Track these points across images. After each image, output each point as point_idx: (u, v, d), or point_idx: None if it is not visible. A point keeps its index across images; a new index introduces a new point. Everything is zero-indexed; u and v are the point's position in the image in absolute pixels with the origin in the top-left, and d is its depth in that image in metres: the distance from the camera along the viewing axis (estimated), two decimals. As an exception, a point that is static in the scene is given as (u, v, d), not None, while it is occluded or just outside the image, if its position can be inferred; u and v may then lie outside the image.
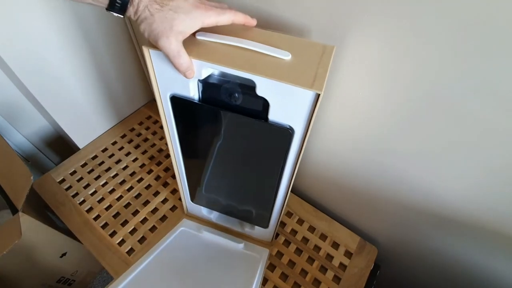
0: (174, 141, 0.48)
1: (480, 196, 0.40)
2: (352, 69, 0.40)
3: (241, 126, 0.41)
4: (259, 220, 0.56)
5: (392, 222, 0.56)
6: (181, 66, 0.33)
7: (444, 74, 0.32)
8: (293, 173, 0.43)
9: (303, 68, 0.32)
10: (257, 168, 0.46)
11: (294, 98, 0.33)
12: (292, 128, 0.36)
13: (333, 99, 0.46)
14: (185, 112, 0.42)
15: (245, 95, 0.37)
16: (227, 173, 0.51)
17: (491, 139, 0.34)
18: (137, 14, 0.31)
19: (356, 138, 0.48)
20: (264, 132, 0.39)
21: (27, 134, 0.78)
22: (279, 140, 0.39)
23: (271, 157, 0.42)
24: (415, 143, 0.41)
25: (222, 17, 0.33)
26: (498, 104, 0.31)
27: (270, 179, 0.46)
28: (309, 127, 0.35)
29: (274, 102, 0.35)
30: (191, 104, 0.40)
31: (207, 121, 0.42)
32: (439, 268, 0.56)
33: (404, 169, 0.45)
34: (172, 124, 0.45)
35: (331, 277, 0.56)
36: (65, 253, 0.72)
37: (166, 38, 0.31)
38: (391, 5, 0.31)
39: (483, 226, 0.42)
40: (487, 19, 0.27)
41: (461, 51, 0.30)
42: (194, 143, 0.48)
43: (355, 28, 0.36)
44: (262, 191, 0.50)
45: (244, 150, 0.45)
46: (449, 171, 0.41)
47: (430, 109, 0.36)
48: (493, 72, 0.29)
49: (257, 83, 0.33)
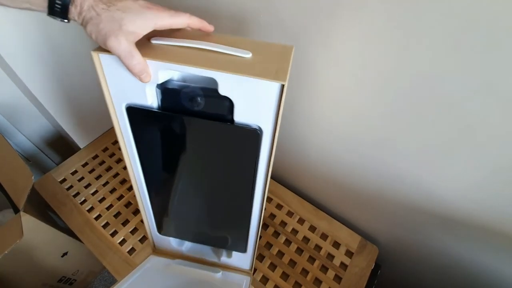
0: (134, 162, 0.42)
1: (481, 195, 0.40)
2: (344, 68, 0.40)
3: (206, 133, 0.37)
4: (236, 242, 0.51)
5: (393, 221, 0.56)
6: (134, 68, 0.30)
7: (445, 72, 0.32)
8: (266, 180, 0.40)
9: (265, 64, 0.31)
10: (228, 179, 0.42)
11: (259, 94, 0.31)
12: (260, 128, 0.34)
13: (327, 98, 0.46)
14: (144, 123, 0.38)
15: (207, 98, 0.34)
16: (196, 190, 0.46)
17: (492, 138, 0.34)
18: (81, 15, 0.28)
19: (357, 137, 0.48)
20: (231, 137, 0.36)
21: (28, 134, 0.78)
22: (247, 143, 0.36)
23: (242, 164, 0.39)
24: (415, 143, 0.41)
25: (176, 19, 0.31)
26: (499, 104, 0.31)
27: (243, 189, 0.42)
28: (277, 126, 0.33)
29: (238, 101, 0.32)
30: (150, 113, 0.36)
31: (169, 132, 0.38)
32: (440, 267, 0.56)
33: (405, 169, 0.45)
34: (130, 141, 0.40)
35: (332, 277, 0.56)
36: (66, 253, 0.72)
37: (115, 38, 0.28)
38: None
39: (484, 225, 0.42)
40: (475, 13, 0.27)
41: (462, 49, 0.30)
42: (157, 161, 0.42)
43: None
44: (235, 205, 0.45)
45: (212, 160, 0.41)
46: (450, 171, 0.41)
47: (431, 108, 0.36)
48: (494, 71, 0.29)
49: (219, 81, 0.31)
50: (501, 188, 0.37)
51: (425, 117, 0.37)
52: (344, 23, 0.36)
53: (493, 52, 0.28)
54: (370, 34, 0.35)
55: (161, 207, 0.49)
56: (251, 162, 0.38)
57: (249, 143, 0.36)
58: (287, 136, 0.60)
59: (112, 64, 0.32)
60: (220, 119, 0.35)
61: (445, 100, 0.34)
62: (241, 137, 0.36)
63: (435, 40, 0.31)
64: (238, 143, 0.37)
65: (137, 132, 0.39)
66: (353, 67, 0.40)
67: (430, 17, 0.30)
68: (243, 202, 0.43)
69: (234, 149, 0.38)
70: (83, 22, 0.29)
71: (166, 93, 0.36)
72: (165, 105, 0.36)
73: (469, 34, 0.29)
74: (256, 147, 0.36)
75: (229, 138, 0.37)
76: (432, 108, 0.36)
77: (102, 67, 0.33)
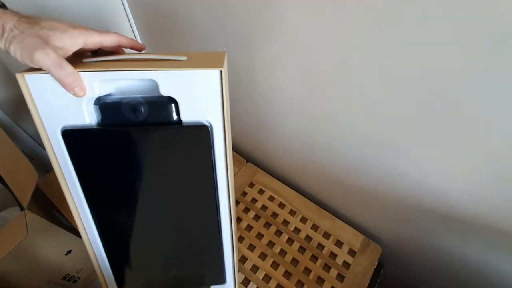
0: (76, 196, 0.37)
1: (486, 194, 0.39)
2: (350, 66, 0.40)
3: (156, 143, 0.34)
4: (211, 272, 0.45)
5: (396, 220, 0.56)
6: (65, 79, 0.28)
7: (449, 69, 0.32)
8: (228, 182, 0.36)
9: (201, 62, 0.31)
10: (187, 190, 0.38)
11: (201, 87, 0.30)
12: (210, 123, 0.33)
13: (341, 100, 0.45)
14: (85, 147, 0.34)
15: (150, 104, 0.32)
16: (155, 216, 0.40)
17: (497, 137, 0.34)
18: (3, 35, 0.27)
19: (359, 136, 0.48)
20: (182, 139, 0.34)
21: (32, 133, 0.78)
22: (200, 142, 0.34)
23: (198, 168, 0.36)
24: (419, 142, 0.41)
25: (105, 37, 0.30)
26: (504, 102, 0.31)
27: (206, 198, 0.38)
28: (225, 118, 0.32)
29: (182, 98, 0.31)
30: (90, 133, 0.32)
31: (115, 151, 0.34)
32: (443, 266, 0.56)
33: (408, 167, 0.45)
34: (69, 171, 0.35)
35: (334, 275, 0.56)
36: (70, 251, 0.73)
37: (41, 50, 0.26)
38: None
39: (488, 224, 0.42)
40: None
41: (466, 45, 0.30)
42: (105, 189, 0.37)
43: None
44: (201, 222, 0.40)
45: (167, 173, 0.36)
46: (454, 169, 0.40)
47: (434, 107, 0.36)
48: (497, 69, 0.29)
49: (159, 81, 0.30)
50: (506, 187, 0.37)
51: (429, 116, 0.37)
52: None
53: (497, 49, 0.28)
54: (374, 29, 0.35)
55: (118, 248, 0.41)
56: (207, 163, 0.35)
57: (201, 141, 0.34)
58: (289, 136, 0.60)
59: (41, 85, 0.29)
60: (167, 124, 0.33)
61: (449, 98, 0.34)
62: (192, 136, 0.34)
63: (436, 39, 0.31)
64: (191, 145, 0.34)
65: (78, 159, 0.34)
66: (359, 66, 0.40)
67: (431, 14, 0.30)
68: (208, 215, 0.39)
69: (187, 153, 0.35)
70: (6, 43, 0.27)
71: (106, 108, 0.32)
72: (106, 121, 0.33)
73: (474, 31, 0.28)
74: (209, 144, 0.34)
75: (181, 141, 0.34)
76: (436, 107, 0.36)
77: (29, 89, 0.30)
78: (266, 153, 0.72)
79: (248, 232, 0.62)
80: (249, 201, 0.67)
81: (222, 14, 0.49)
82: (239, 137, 0.76)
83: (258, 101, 0.60)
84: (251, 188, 0.69)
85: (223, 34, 0.52)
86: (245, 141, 0.76)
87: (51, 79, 0.28)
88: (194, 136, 0.34)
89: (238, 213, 0.64)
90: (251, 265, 0.57)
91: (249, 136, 0.73)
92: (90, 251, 0.41)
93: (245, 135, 0.74)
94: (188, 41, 0.59)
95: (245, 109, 0.65)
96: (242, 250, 0.59)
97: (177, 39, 0.61)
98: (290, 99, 0.53)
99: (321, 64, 0.43)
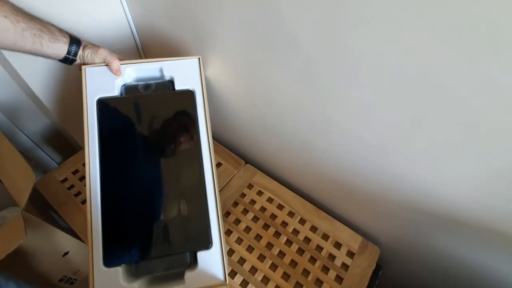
0: (93, 156, 0.48)
1: (484, 196, 0.40)
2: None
3: (157, 105, 0.52)
4: (197, 235, 0.47)
5: (394, 222, 0.56)
6: (114, 64, 0.51)
7: (449, 69, 0.32)
8: (209, 141, 0.51)
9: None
10: (177, 146, 0.51)
11: (188, 68, 0.53)
12: (194, 89, 0.53)
13: (339, 101, 0.45)
14: (110, 111, 0.50)
15: (157, 84, 0.54)
16: (149, 176, 0.49)
17: (495, 138, 0.34)
18: (84, 48, 0.51)
19: (358, 137, 0.48)
20: (175, 100, 0.52)
21: (30, 134, 0.78)
22: (187, 102, 0.52)
23: (186, 122, 0.51)
24: (417, 143, 0.41)
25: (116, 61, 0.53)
26: (502, 103, 0.31)
27: (192, 153, 0.50)
28: (203, 88, 0.53)
29: (177, 76, 0.53)
30: (115, 99, 0.50)
31: (129, 113, 0.50)
32: (441, 268, 0.56)
33: (407, 169, 0.45)
34: (94, 134, 0.48)
35: (333, 277, 0.56)
36: (68, 252, 0.72)
37: (104, 50, 0.51)
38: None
39: (486, 226, 0.42)
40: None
41: (465, 45, 0.30)
42: (115, 150, 0.49)
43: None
44: (188, 180, 0.49)
45: (163, 130, 0.51)
46: (452, 171, 0.40)
47: (433, 108, 0.36)
48: (497, 69, 0.29)
49: (164, 68, 0.53)
50: (504, 189, 0.37)
51: (427, 118, 0.37)
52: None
53: (496, 49, 0.28)
54: (373, 29, 0.35)
55: (114, 211, 0.47)
56: (192, 117, 0.52)
57: (188, 101, 0.52)
58: (287, 138, 0.60)
59: (91, 73, 0.51)
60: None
61: (447, 100, 0.34)
62: (182, 98, 0.52)
63: (436, 39, 0.31)
64: (181, 104, 0.52)
65: (103, 121, 0.49)
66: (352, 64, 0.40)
67: (431, 12, 0.30)
68: (194, 171, 0.50)
69: (180, 112, 0.52)
70: (85, 50, 0.51)
71: (128, 88, 0.53)
72: (127, 95, 0.53)
73: (472, 30, 0.28)
74: (193, 103, 0.52)
75: (174, 102, 0.52)
76: (434, 108, 0.36)
77: (85, 75, 0.51)
78: (265, 154, 0.72)
79: (247, 233, 0.62)
80: (247, 203, 0.66)
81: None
82: (238, 139, 0.76)
83: (257, 103, 0.60)
84: (250, 190, 0.69)
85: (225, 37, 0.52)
86: (244, 142, 0.76)
87: (98, 70, 0.51)
88: (184, 97, 0.52)
89: (237, 215, 0.64)
90: (250, 267, 0.57)
91: (248, 138, 0.73)
92: (88, 215, 0.47)
93: (244, 136, 0.74)
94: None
95: (244, 111, 0.65)
96: (241, 251, 0.59)
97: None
98: (289, 101, 0.53)
99: (320, 66, 0.43)
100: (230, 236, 0.61)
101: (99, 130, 0.48)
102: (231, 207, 0.66)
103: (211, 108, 0.55)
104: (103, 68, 0.52)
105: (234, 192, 0.68)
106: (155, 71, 0.54)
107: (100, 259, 0.45)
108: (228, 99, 0.65)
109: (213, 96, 0.65)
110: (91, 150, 0.48)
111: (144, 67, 0.53)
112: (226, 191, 0.68)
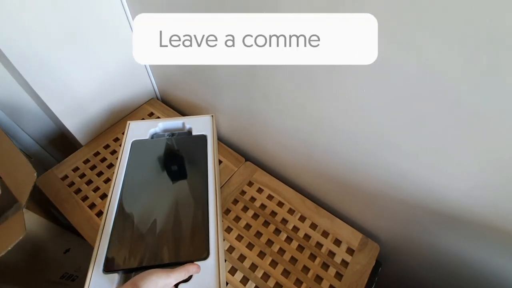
0: (117, 186, 0.57)
1: (485, 193, 0.40)
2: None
3: (177, 146, 0.65)
4: (195, 246, 0.50)
5: (394, 219, 0.56)
6: (191, 270, 0.45)
7: (450, 69, 0.32)
8: (215, 174, 0.59)
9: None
10: (188, 180, 0.60)
11: (203, 122, 0.69)
12: (206, 135, 0.66)
13: (339, 98, 0.45)
14: (140, 151, 0.63)
15: (179, 133, 0.70)
16: (161, 202, 0.56)
17: (496, 136, 0.34)
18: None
19: (359, 135, 0.48)
20: (191, 143, 0.66)
21: (30, 132, 0.78)
22: (200, 144, 0.65)
23: (197, 161, 0.62)
24: (418, 141, 0.41)
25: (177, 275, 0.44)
26: (503, 101, 0.31)
27: (199, 184, 0.58)
28: (214, 135, 0.66)
29: (194, 127, 0.68)
30: (145, 142, 0.66)
31: (155, 153, 0.63)
32: (441, 265, 0.56)
33: (408, 166, 0.45)
34: (122, 167, 0.60)
35: (333, 274, 0.56)
36: (69, 249, 0.73)
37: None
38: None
39: (486, 224, 0.42)
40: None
41: (467, 45, 0.30)
42: (137, 181, 0.59)
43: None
44: (194, 209, 0.55)
45: (178, 168, 0.62)
46: (452, 169, 0.40)
47: (434, 106, 0.36)
48: (498, 68, 0.29)
49: (185, 122, 0.70)
50: (505, 186, 0.37)
51: (428, 115, 0.37)
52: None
53: (497, 49, 0.28)
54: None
55: (123, 223, 0.53)
56: (204, 156, 0.63)
57: (201, 143, 0.65)
58: (288, 135, 0.60)
59: (133, 125, 0.69)
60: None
61: (448, 98, 0.34)
62: (197, 140, 0.66)
63: (436, 39, 0.31)
64: (195, 146, 0.65)
65: (133, 158, 0.62)
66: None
67: (432, 12, 0.30)
68: (199, 200, 0.56)
69: (192, 151, 0.65)
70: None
71: (156, 135, 0.69)
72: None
73: (473, 30, 0.28)
74: (205, 145, 0.65)
75: (190, 144, 0.66)
76: (435, 106, 0.36)
77: (129, 127, 0.68)
78: (265, 152, 0.72)
79: (247, 230, 0.62)
80: (248, 200, 0.67)
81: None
82: (238, 136, 0.76)
83: (257, 100, 0.60)
84: (250, 187, 0.69)
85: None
86: (244, 140, 0.76)
87: (138, 123, 0.70)
88: (198, 140, 0.66)
89: (237, 212, 0.64)
90: (250, 264, 0.58)
91: (248, 135, 0.73)
92: (102, 224, 0.53)
93: (244, 134, 0.74)
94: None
95: (245, 108, 0.65)
96: (241, 248, 0.59)
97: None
98: (289, 98, 0.53)
99: (320, 64, 0.43)
100: (230, 233, 0.61)
101: (128, 161, 0.61)
102: (231, 205, 0.66)
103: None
104: (142, 122, 0.70)
105: (234, 189, 0.68)
106: (178, 124, 0.70)
107: (101, 265, 0.48)
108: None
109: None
110: (119, 173, 0.59)
111: (170, 121, 0.70)
112: (226, 188, 0.68)
